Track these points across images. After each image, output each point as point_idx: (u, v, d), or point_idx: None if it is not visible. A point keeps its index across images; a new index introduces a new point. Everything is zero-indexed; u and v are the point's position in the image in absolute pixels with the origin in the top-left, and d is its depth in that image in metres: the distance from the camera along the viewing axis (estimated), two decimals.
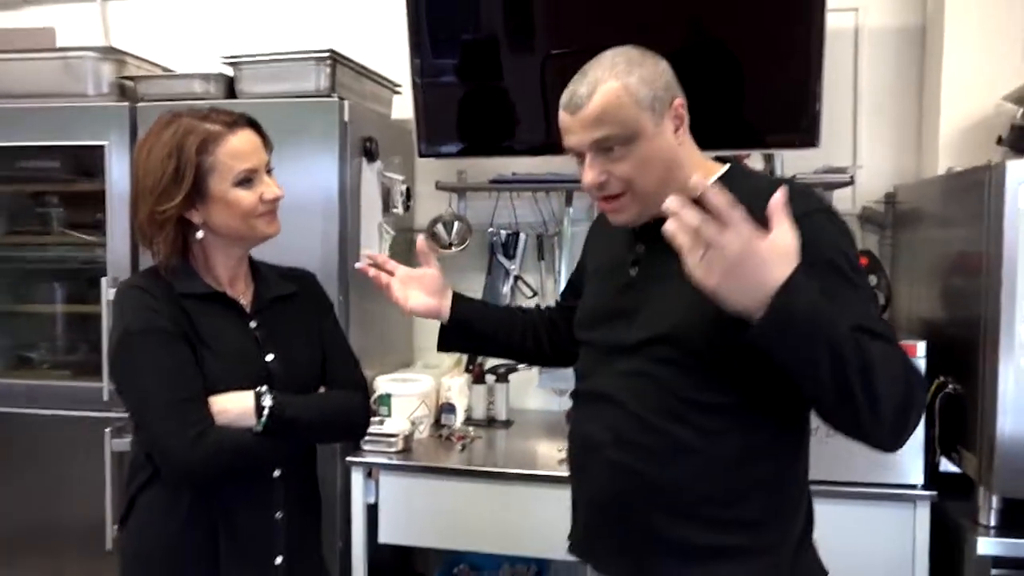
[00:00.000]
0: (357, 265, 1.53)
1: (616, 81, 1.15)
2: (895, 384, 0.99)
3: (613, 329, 1.27)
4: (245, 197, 1.35)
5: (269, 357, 1.41)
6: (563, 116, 1.20)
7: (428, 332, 2.82)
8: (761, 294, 0.94)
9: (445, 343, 1.55)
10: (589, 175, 1.19)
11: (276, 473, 1.40)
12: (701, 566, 1.18)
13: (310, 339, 1.50)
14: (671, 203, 0.93)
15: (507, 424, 2.61)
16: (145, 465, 1.36)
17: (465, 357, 2.70)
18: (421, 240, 1.52)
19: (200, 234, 1.37)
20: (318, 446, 1.55)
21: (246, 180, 1.35)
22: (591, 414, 1.29)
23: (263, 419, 1.32)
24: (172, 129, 1.34)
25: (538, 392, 2.77)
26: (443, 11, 2.54)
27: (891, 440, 1.06)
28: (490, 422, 2.61)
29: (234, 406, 1.32)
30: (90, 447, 2.34)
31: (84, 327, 2.57)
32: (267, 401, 1.33)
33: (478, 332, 1.53)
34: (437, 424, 2.54)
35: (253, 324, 1.43)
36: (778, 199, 0.96)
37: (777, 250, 0.94)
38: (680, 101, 1.20)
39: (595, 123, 1.16)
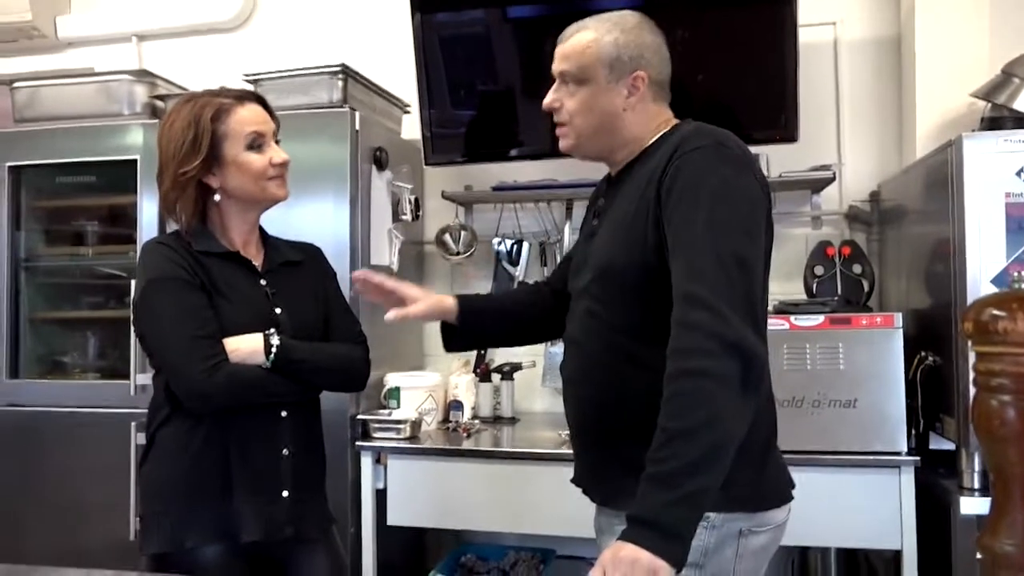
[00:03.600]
0: (355, 274, 1.62)
1: (593, 33, 1.33)
2: (705, 433, 1.09)
3: (577, 276, 1.42)
4: (256, 160, 1.52)
5: (278, 310, 1.55)
6: (557, 46, 1.39)
7: (437, 337, 2.93)
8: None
9: (454, 340, 1.62)
10: (548, 97, 1.39)
11: (283, 413, 1.53)
12: None
13: (316, 300, 1.64)
14: None
15: (512, 421, 2.70)
16: (164, 405, 1.50)
17: (473, 357, 2.82)
18: (357, 272, 1.62)
19: (217, 197, 1.53)
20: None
21: (256, 144, 1.52)
22: (566, 357, 1.43)
23: (271, 356, 1.46)
24: (190, 105, 1.52)
25: (543, 393, 2.88)
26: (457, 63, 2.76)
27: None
28: (496, 419, 2.71)
29: (246, 345, 1.46)
30: (117, 440, 2.47)
31: (114, 333, 2.73)
32: (275, 340, 1.47)
33: (489, 316, 1.61)
34: (445, 421, 2.65)
35: (264, 281, 1.58)
36: None
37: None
38: (641, 74, 1.33)
39: (563, 57, 1.36)
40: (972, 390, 1.74)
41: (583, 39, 1.34)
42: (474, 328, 1.60)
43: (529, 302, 1.65)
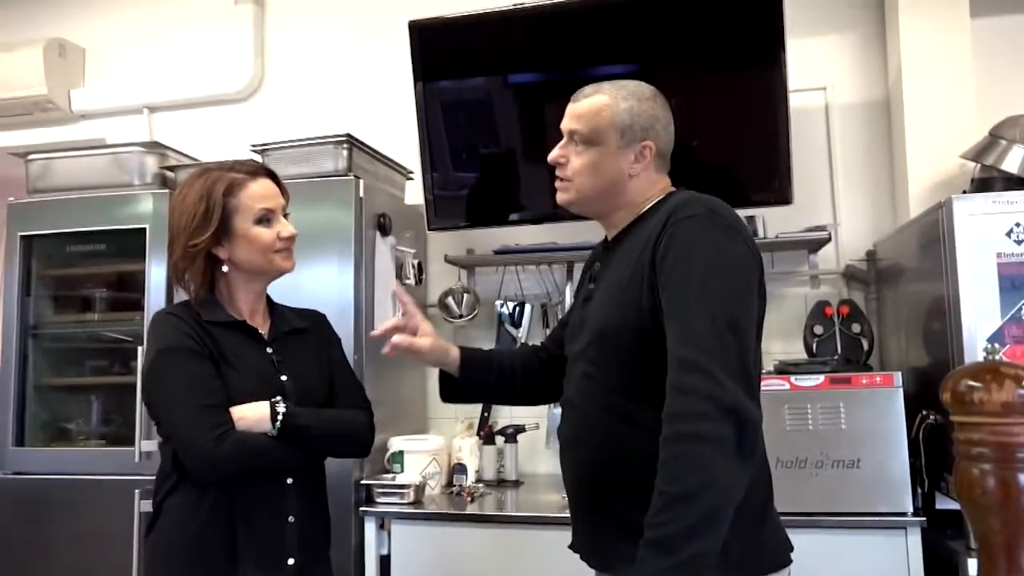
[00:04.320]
0: (373, 333, 1.65)
1: (609, 98, 1.38)
2: (703, 497, 1.10)
3: (573, 340, 1.45)
4: (264, 234, 1.56)
5: (284, 377, 1.58)
6: (569, 104, 1.44)
7: (440, 401, 2.98)
8: None
9: (452, 391, 1.64)
10: (555, 152, 1.44)
11: (289, 480, 1.54)
12: None
13: (320, 367, 1.67)
14: None
15: (517, 484, 2.70)
16: (171, 474, 1.51)
17: (476, 420, 2.83)
18: (395, 284, 1.66)
19: (225, 268, 1.57)
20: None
21: (265, 219, 1.57)
22: (563, 420, 1.45)
23: (277, 424, 1.48)
24: (203, 179, 1.57)
25: (547, 455, 2.87)
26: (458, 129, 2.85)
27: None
28: (500, 482, 2.70)
29: (252, 413, 1.48)
30: (121, 507, 2.47)
31: (119, 399, 2.75)
32: (281, 408, 1.49)
33: (489, 372, 1.62)
34: (449, 484, 2.64)
35: (270, 350, 1.60)
36: None
37: None
38: (650, 144, 1.39)
39: (575, 117, 1.41)
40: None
41: (598, 102, 1.38)
42: (473, 381, 1.61)
43: (528, 362, 1.66)
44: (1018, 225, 1.90)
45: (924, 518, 1.99)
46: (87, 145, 2.86)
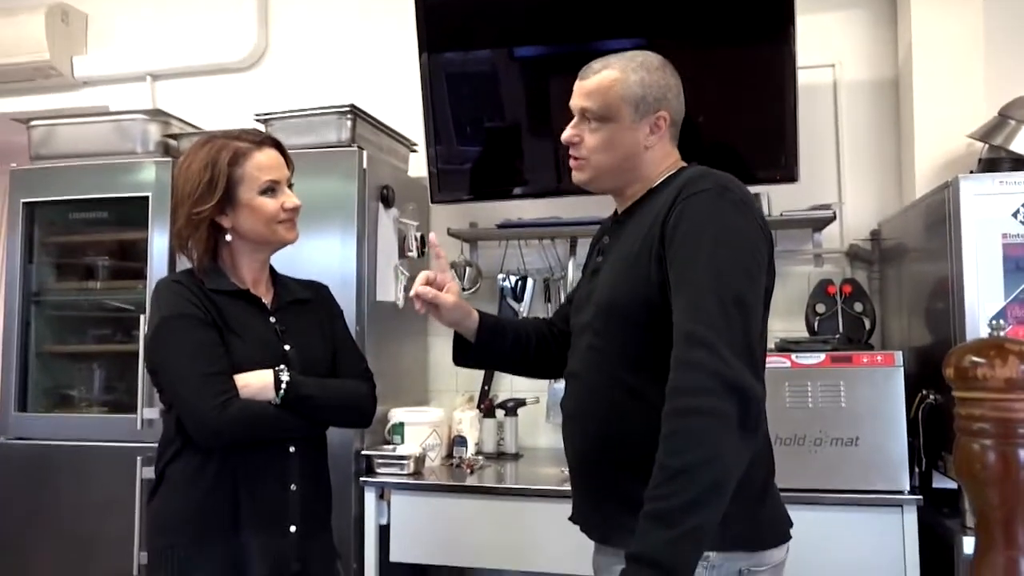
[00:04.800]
0: (411, 293, 1.52)
1: (619, 72, 1.36)
2: (704, 471, 1.10)
3: (579, 312, 1.45)
4: (269, 204, 1.56)
5: (287, 347, 1.58)
6: (576, 81, 1.42)
7: (441, 373, 3.00)
8: None
9: (466, 355, 1.60)
10: (568, 131, 1.41)
11: (291, 449, 1.55)
12: None
13: (323, 338, 1.67)
14: None
15: (516, 457, 2.71)
16: (174, 440, 1.52)
17: (477, 393, 2.84)
18: (433, 236, 1.61)
19: (229, 237, 1.57)
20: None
21: (270, 189, 1.56)
22: (567, 392, 1.45)
23: (281, 392, 1.48)
24: (208, 147, 1.56)
25: (547, 428, 2.89)
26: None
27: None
28: (499, 455, 2.72)
29: (256, 381, 1.49)
30: (123, 474, 2.49)
31: (122, 367, 2.76)
32: (285, 377, 1.49)
33: (505, 340, 1.59)
34: (448, 456, 2.66)
35: (273, 319, 1.61)
36: None
37: None
38: (664, 114, 1.37)
39: (586, 94, 1.38)
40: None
41: (608, 77, 1.36)
42: (488, 346, 1.57)
43: (541, 334, 1.64)
44: None
45: (920, 496, 2.00)
46: (90, 112, 2.85)
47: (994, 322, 0.91)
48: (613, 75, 1.36)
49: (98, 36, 3.54)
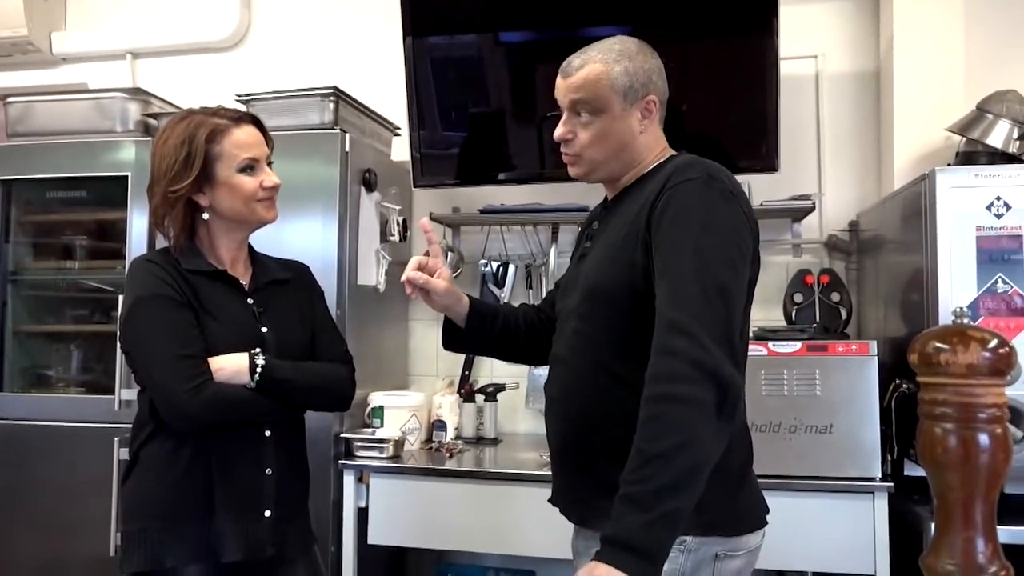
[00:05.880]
0: (403, 278, 1.52)
1: (602, 66, 1.36)
2: (680, 457, 1.11)
3: (565, 297, 1.45)
4: (247, 182, 1.55)
5: (264, 329, 1.57)
6: (558, 79, 1.41)
7: (422, 358, 3.00)
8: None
9: (456, 341, 1.59)
10: (560, 129, 1.40)
11: (267, 432, 1.55)
12: None
13: (302, 320, 1.66)
14: None
15: (495, 442, 2.73)
16: (148, 422, 1.51)
17: (457, 378, 2.85)
18: (426, 220, 1.58)
19: (206, 216, 1.56)
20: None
21: (249, 168, 1.55)
22: (551, 376, 1.45)
23: (256, 376, 1.48)
24: (185, 123, 1.54)
25: (527, 414, 2.90)
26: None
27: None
28: (479, 440, 2.73)
29: (230, 364, 1.48)
30: (100, 455, 2.47)
31: (99, 348, 2.74)
32: (260, 360, 1.49)
33: (495, 327, 1.58)
34: (428, 440, 2.67)
35: (251, 301, 1.60)
36: None
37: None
38: (652, 98, 1.38)
39: (573, 89, 1.37)
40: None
41: (593, 71, 1.36)
42: (478, 332, 1.57)
43: (531, 321, 1.64)
44: (998, 199, 1.92)
45: (892, 483, 2.03)
46: (68, 89, 2.80)
47: (958, 309, 0.92)
48: (597, 68, 1.36)
49: (77, 12, 3.49)
